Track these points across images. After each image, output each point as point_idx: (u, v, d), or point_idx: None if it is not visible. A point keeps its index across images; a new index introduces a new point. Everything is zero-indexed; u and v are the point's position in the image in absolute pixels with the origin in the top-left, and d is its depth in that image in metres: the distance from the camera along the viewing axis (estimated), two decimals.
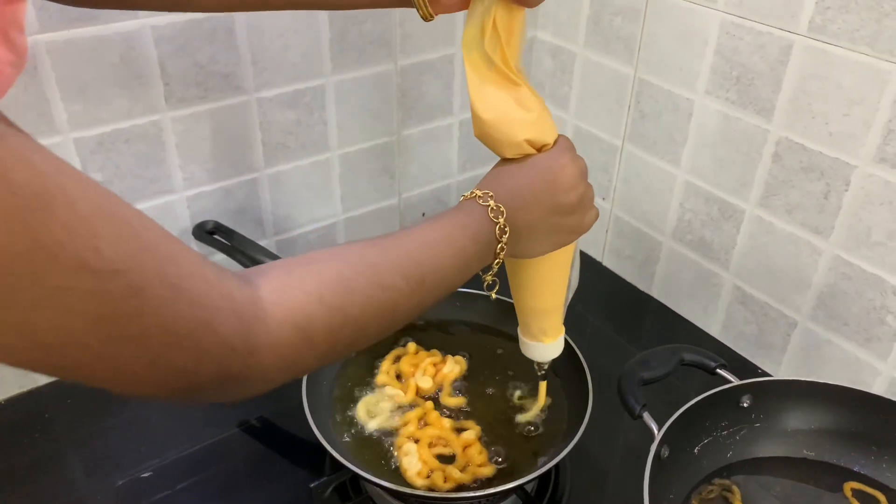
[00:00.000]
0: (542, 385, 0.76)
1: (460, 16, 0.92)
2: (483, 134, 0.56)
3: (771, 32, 0.78)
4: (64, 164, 0.31)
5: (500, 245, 0.53)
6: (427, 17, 0.56)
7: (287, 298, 0.41)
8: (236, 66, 0.84)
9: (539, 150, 0.56)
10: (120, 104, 0.79)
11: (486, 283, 0.57)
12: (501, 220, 0.53)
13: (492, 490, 0.66)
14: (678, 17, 0.87)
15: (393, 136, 1.02)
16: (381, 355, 0.85)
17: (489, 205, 0.53)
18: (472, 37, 0.54)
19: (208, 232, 0.87)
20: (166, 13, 0.77)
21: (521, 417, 0.78)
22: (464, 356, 0.86)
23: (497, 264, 0.55)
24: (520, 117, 0.55)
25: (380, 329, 0.47)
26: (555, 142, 0.58)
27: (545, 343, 0.67)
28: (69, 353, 0.32)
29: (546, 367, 0.71)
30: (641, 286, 1.06)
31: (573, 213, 0.58)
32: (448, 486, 0.70)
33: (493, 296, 0.59)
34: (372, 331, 0.46)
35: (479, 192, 0.54)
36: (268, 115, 0.89)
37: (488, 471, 0.72)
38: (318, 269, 0.44)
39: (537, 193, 0.55)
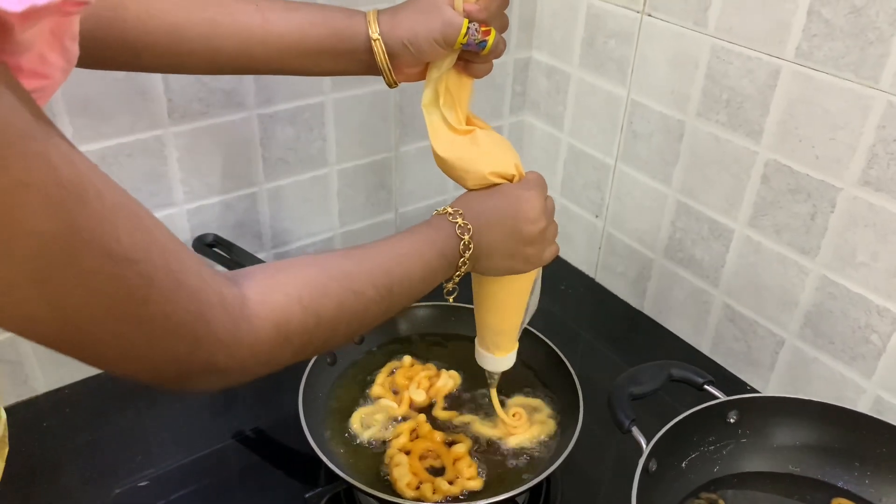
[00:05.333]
0: (493, 393, 0.78)
1: None
2: (447, 173, 0.63)
3: (759, 58, 0.80)
4: (92, 163, 0.34)
5: (462, 260, 0.59)
6: (391, 85, 0.65)
7: (269, 299, 0.45)
8: (238, 83, 0.86)
9: (508, 181, 0.62)
10: (123, 119, 0.80)
11: (446, 290, 0.62)
12: (466, 238, 0.58)
13: (481, 502, 0.67)
14: (670, 40, 0.89)
15: (390, 152, 1.04)
16: (377, 368, 0.87)
17: (458, 222, 0.58)
18: (429, 100, 0.63)
19: (208, 245, 0.88)
20: None
21: (512, 440, 0.79)
22: (458, 371, 0.87)
23: (458, 276, 0.60)
24: (475, 154, 0.62)
25: (349, 331, 0.51)
26: (521, 176, 0.63)
27: (496, 356, 0.72)
28: (87, 330, 0.35)
29: (496, 376, 0.75)
30: (633, 303, 1.08)
31: (532, 244, 0.62)
32: (437, 497, 0.71)
33: (452, 300, 0.63)
34: (342, 332, 0.51)
35: (450, 210, 0.60)
36: (268, 131, 0.91)
37: (477, 484, 0.73)
38: (298, 274, 0.48)
39: (502, 218, 0.60)
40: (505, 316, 0.69)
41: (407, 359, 0.87)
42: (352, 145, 0.99)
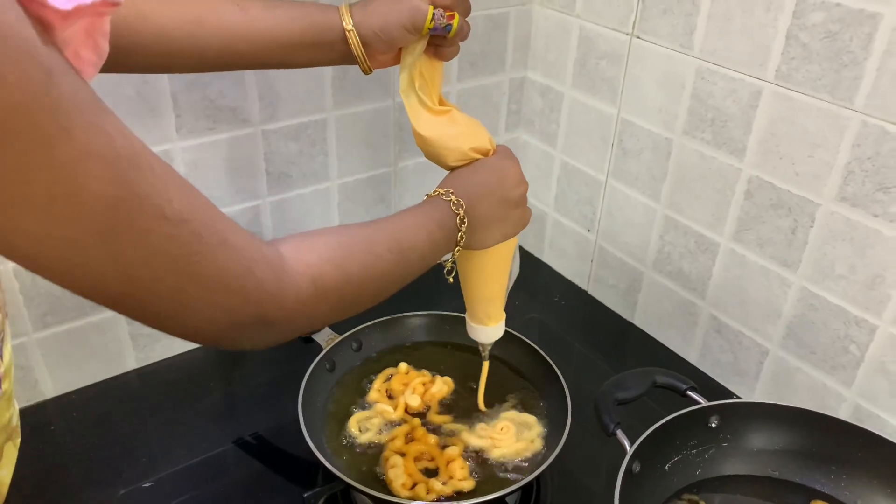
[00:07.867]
0: (485, 365, 0.83)
1: (454, 62, 0.98)
2: (428, 152, 0.67)
3: (742, 79, 0.84)
4: (137, 137, 0.38)
5: (459, 234, 0.63)
6: (366, 72, 0.68)
7: (303, 257, 0.49)
8: (244, 101, 0.90)
9: (484, 155, 0.67)
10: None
11: (445, 269, 0.67)
12: (461, 213, 0.63)
13: (472, 501, 0.70)
14: (657, 62, 0.93)
15: (389, 167, 1.07)
16: (374, 374, 0.90)
17: (452, 199, 0.63)
18: (406, 84, 0.67)
19: None
20: None
21: (495, 452, 0.80)
22: (452, 377, 0.90)
23: (457, 251, 0.64)
24: (456, 132, 0.66)
25: (374, 292, 0.57)
26: (494, 150, 0.68)
27: (489, 326, 0.76)
28: (148, 287, 0.39)
29: (489, 348, 0.80)
30: (624, 314, 1.11)
31: (519, 206, 0.68)
32: (431, 497, 0.74)
33: (451, 280, 0.68)
34: (368, 292, 0.56)
35: (441, 191, 0.64)
36: (272, 146, 0.95)
37: (469, 484, 0.76)
38: (325, 238, 0.53)
39: (491, 189, 0.66)
40: (494, 283, 0.73)
41: (402, 365, 0.90)
42: (353, 160, 1.03)
